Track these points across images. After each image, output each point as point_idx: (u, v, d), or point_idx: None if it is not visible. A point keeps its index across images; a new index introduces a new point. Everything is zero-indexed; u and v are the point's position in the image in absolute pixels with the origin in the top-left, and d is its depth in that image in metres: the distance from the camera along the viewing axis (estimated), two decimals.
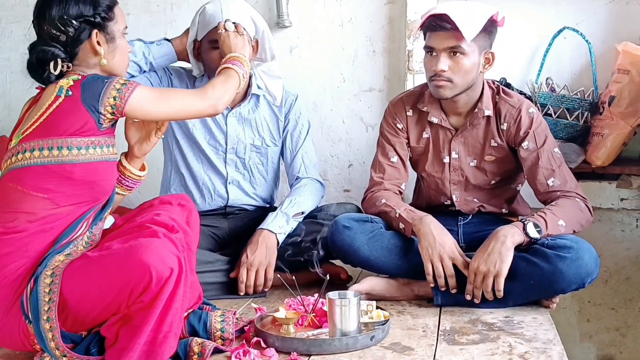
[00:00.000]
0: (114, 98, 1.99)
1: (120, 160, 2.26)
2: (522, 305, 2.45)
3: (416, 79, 3.16)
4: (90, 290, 1.94)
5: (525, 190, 2.76)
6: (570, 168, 2.83)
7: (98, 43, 2.09)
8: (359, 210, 2.85)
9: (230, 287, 2.70)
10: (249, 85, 2.85)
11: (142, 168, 2.32)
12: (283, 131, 2.95)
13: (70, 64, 2.08)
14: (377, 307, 2.29)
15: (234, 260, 2.73)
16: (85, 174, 2.01)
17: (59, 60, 2.06)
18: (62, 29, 2.06)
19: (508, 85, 3.06)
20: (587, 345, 3.28)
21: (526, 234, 2.39)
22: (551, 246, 2.38)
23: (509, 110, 2.63)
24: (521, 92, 3.07)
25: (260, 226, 2.73)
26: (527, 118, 2.61)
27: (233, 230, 2.92)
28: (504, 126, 2.63)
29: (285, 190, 3.08)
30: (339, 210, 2.81)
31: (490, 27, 2.55)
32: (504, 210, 2.75)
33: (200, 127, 2.87)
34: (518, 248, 2.41)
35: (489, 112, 2.63)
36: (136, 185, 2.31)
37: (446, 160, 2.71)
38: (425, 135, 2.73)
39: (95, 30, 2.08)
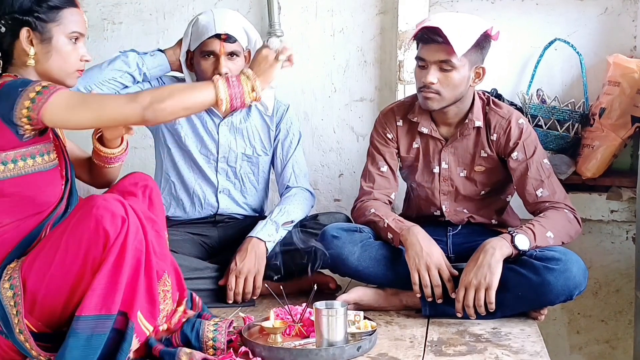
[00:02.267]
0: (28, 108, 1.88)
1: (92, 141, 2.23)
2: (510, 317, 2.44)
3: (407, 89, 3.16)
4: (54, 272, 1.90)
5: (515, 201, 2.76)
6: (561, 179, 2.84)
7: (31, 43, 2.01)
8: (348, 220, 2.85)
9: (219, 295, 2.69)
10: None
11: (120, 143, 2.25)
12: (274, 141, 2.95)
13: (0, 61, 2.02)
14: (365, 318, 2.29)
15: (223, 268, 2.72)
16: (17, 188, 1.97)
17: None
18: None
19: (499, 97, 3.07)
20: (577, 358, 3.27)
21: (514, 246, 2.40)
22: (539, 258, 2.39)
23: (499, 121, 2.64)
24: (512, 104, 3.08)
25: (250, 234, 2.73)
26: (517, 129, 2.61)
27: (222, 239, 2.92)
28: (494, 137, 2.64)
29: (275, 199, 3.08)
30: (329, 220, 2.81)
31: (483, 42, 2.55)
32: (493, 221, 2.75)
33: (192, 136, 2.87)
34: (507, 260, 2.40)
35: (479, 122, 2.64)
36: (117, 161, 2.26)
37: (436, 170, 2.71)
38: (415, 146, 2.73)
39: (25, 28, 2.00)
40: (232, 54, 2.72)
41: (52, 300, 1.93)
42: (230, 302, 2.66)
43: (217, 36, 2.69)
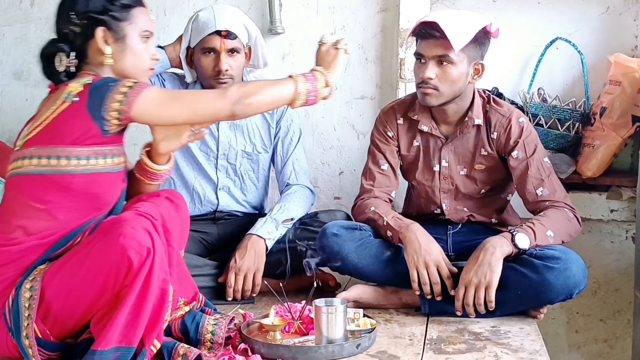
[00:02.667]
0: (120, 102, 1.92)
1: (141, 154, 2.22)
2: (510, 316, 2.44)
3: (408, 87, 3.15)
4: (73, 289, 1.91)
5: (515, 200, 2.76)
6: (561, 179, 2.83)
7: (106, 42, 2.04)
8: (348, 218, 2.85)
9: (218, 292, 2.69)
10: None
11: (167, 160, 2.25)
12: (274, 138, 2.95)
13: (76, 60, 2.04)
14: (364, 315, 2.28)
15: (222, 265, 2.73)
16: (85, 185, 1.98)
17: (63, 56, 2.03)
18: (69, 24, 2.04)
19: (500, 95, 3.07)
20: (575, 357, 3.27)
21: (514, 244, 2.39)
22: (539, 257, 2.38)
23: (499, 119, 2.63)
24: (513, 102, 3.07)
25: (250, 231, 2.73)
26: (517, 127, 2.61)
27: (222, 236, 2.92)
28: (494, 135, 2.63)
29: (275, 196, 3.08)
30: (329, 218, 2.81)
31: (482, 38, 2.55)
32: (493, 220, 2.75)
33: None
34: (506, 258, 2.40)
35: (479, 121, 2.63)
36: (160, 178, 2.26)
37: (436, 168, 2.71)
38: (415, 144, 2.73)
39: (101, 28, 2.03)
40: (232, 51, 2.72)
41: (67, 314, 1.95)
42: (230, 299, 2.66)
43: (218, 33, 2.69)
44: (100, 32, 2.03)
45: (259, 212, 2.99)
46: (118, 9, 2.06)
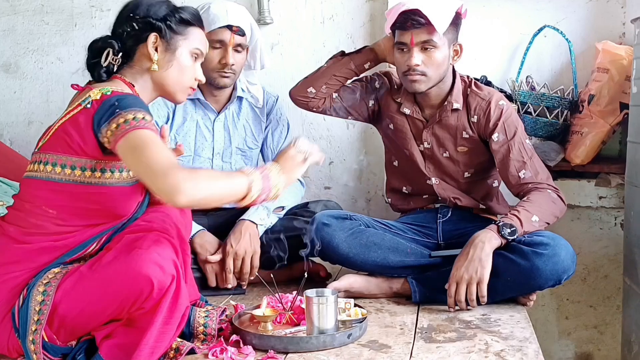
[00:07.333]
0: (112, 132, 1.84)
1: None
2: (500, 303, 2.46)
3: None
4: (90, 306, 1.92)
5: (505, 188, 2.76)
6: (549, 166, 2.85)
7: (156, 49, 2.05)
8: (339, 208, 2.85)
9: (204, 283, 2.70)
10: (234, 88, 2.87)
11: None
12: (264, 131, 2.95)
13: (120, 59, 2.04)
14: (355, 305, 2.29)
15: None
16: (95, 197, 1.96)
17: (110, 52, 2.03)
18: (126, 25, 2.05)
19: (489, 83, 3.07)
20: (566, 343, 3.29)
21: (502, 235, 2.40)
22: (528, 243, 2.40)
23: (479, 102, 2.65)
24: (502, 90, 3.08)
25: (242, 217, 2.74)
26: (497, 110, 2.62)
27: (212, 227, 2.90)
28: (474, 118, 2.65)
29: None
30: (319, 208, 2.82)
31: (456, 20, 2.57)
32: (481, 206, 2.75)
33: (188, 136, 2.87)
34: (496, 248, 2.41)
35: (457, 105, 2.65)
36: None
37: (420, 149, 2.72)
38: (398, 122, 2.73)
39: (154, 34, 2.04)
40: (239, 47, 2.73)
41: (77, 325, 1.96)
42: (229, 285, 2.68)
43: (229, 27, 2.69)
44: (152, 37, 2.04)
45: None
46: (176, 21, 2.08)
